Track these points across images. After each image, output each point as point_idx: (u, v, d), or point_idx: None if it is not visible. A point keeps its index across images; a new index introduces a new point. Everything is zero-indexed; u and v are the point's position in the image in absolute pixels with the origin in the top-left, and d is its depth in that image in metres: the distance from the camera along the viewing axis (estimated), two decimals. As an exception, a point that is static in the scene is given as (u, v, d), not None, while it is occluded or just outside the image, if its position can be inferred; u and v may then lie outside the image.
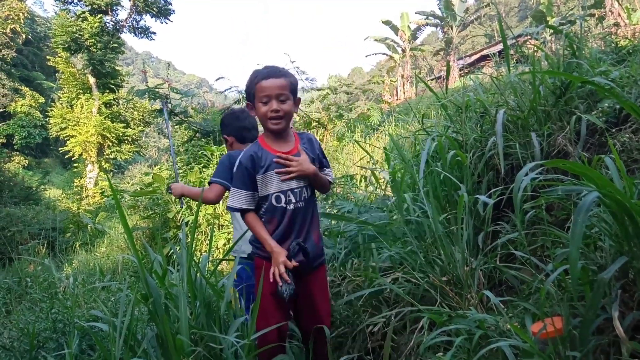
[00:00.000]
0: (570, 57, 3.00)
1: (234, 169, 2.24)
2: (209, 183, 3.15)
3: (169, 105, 10.50)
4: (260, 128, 2.44)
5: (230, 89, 11.07)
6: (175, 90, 11.11)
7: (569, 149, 2.45)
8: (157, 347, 2.03)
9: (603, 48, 4.26)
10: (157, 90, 10.58)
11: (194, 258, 2.28)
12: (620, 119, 2.46)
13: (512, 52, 4.04)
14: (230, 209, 2.22)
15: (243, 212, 2.20)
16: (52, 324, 2.71)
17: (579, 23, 3.49)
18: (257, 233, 2.17)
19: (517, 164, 2.65)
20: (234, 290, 2.32)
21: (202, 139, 10.21)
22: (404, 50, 33.63)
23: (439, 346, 2.05)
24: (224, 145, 3.52)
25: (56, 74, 29.49)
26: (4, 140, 32.61)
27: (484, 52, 27.38)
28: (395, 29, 33.04)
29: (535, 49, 3.81)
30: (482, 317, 1.75)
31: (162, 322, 1.83)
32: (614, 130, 2.41)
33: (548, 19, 21.10)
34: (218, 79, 18.64)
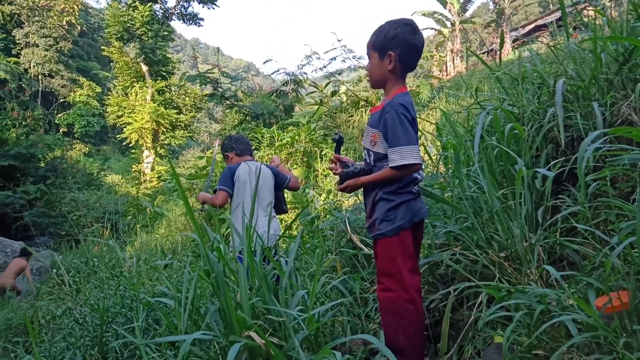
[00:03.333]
0: (635, 21, 2.83)
1: None
2: (214, 191, 3.74)
3: (220, 90, 10.67)
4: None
5: (277, 71, 11.12)
6: (225, 75, 11.28)
7: (634, 118, 2.34)
8: (219, 321, 2.12)
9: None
10: (207, 75, 10.79)
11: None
12: (692, 84, 2.31)
13: (570, 19, 3.85)
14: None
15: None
16: (120, 300, 2.87)
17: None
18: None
19: (578, 135, 2.56)
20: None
21: (252, 122, 10.36)
22: (453, 24, 32.63)
23: (498, 322, 2.04)
24: (226, 161, 4.16)
25: (111, 64, 30.57)
26: (65, 130, 34.29)
27: (539, 22, 26.19)
28: (443, 2, 32.04)
29: (595, 14, 3.62)
30: (542, 291, 1.72)
31: (224, 296, 1.90)
32: (684, 96, 2.27)
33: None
34: (266, 61, 18.68)
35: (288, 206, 6.89)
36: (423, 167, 2.64)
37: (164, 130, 23.48)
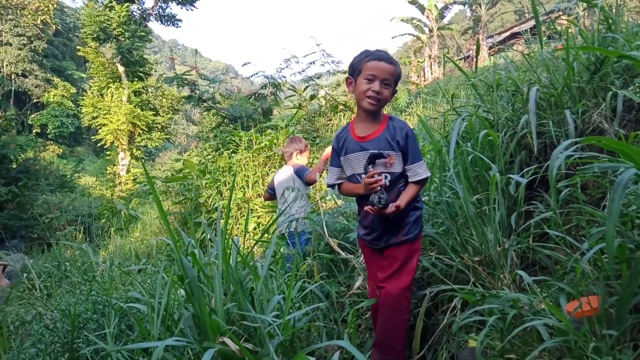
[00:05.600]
0: (605, 31, 2.90)
1: None
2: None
3: (197, 92, 10.60)
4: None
5: (256, 74, 11.09)
6: (202, 77, 11.18)
7: (605, 126, 2.39)
8: (193, 327, 2.09)
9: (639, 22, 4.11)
10: (185, 77, 10.68)
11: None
12: (659, 94, 2.38)
13: (543, 28, 3.93)
14: (329, 186, 2.46)
15: (334, 187, 2.41)
16: (91, 306, 2.81)
17: (614, -4, 3.37)
18: (350, 192, 2.34)
19: (551, 142, 2.60)
20: None
21: (230, 125, 10.29)
22: (431, 30, 33.00)
23: (471, 326, 2.06)
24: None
25: (86, 64, 30.05)
26: (39, 130, 33.56)
27: (514, 30, 26.66)
28: (421, 8, 32.39)
29: (568, 24, 3.70)
30: (515, 296, 1.74)
31: (198, 301, 1.87)
32: (652, 105, 2.33)
33: (581, -7, 20.33)
34: (245, 64, 18.73)
35: (265, 210, 6.87)
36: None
37: (140, 132, 23.16)
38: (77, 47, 25.69)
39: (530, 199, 2.53)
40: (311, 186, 5.07)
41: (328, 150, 4.96)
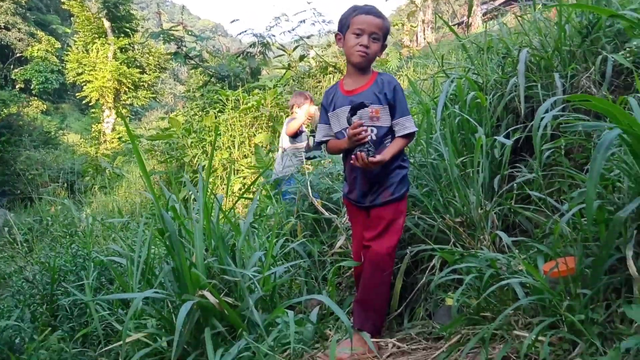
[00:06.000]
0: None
1: None
2: None
3: (184, 49, 10.36)
4: None
5: (245, 32, 10.83)
6: (190, 33, 10.91)
7: (593, 91, 2.37)
8: (173, 281, 2.09)
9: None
10: (171, 32, 10.41)
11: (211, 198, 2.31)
12: (649, 59, 2.36)
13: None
14: (317, 144, 2.46)
15: (322, 144, 2.38)
16: (71, 259, 2.80)
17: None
18: (336, 148, 2.33)
19: (539, 106, 2.58)
20: None
21: (218, 84, 10.10)
22: (425, -6, 32.39)
23: (449, 285, 2.08)
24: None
25: (71, 18, 29.14)
26: (22, 86, 32.76)
27: (509, -4, 26.28)
28: (416, -28, 31.72)
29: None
30: (493, 256, 1.76)
31: (177, 255, 1.87)
32: (641, 71, 2.31)
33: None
34: (233, 21, 18.28)
35: (251, 170, 6.84)
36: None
37: (126, 90, 22.72)
38: (62, 0, 24.86)
39: (515, 163, 2.53)
40: (302, 143, 5.02)
41: (312, 108, 4.95)
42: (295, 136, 4.84)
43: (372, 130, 2.16)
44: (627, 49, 2.41)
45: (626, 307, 1.36)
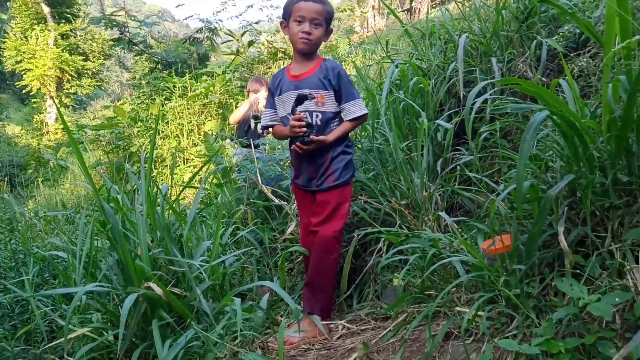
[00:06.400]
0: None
1: None
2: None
3: (128, 35, 10.02)
4: None
5: (191, 16, 10.58)
6: (133, 18, 10.54)
7: (529, 75, 2.47)
8: (119, 274, 2.04)
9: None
10: (113, 17, 10.02)
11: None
12: (580, 43, 2.47)
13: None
14: (263, 129, 2.51)
15: (268, 128, 2.43)
16: (11, 254, 2.68)
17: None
18: (280, 134, 2.37)
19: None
20: None
21: (164, 71, 9.84)
22: (374, -20, 32.52)
23: (396, 266, 2.13)
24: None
25: (7, 3, 27.55)
26: (-46, 74, 30.82)
27: (455, -18, 26.72)
28: (365, -44, 31.77)
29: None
30: (435, 236, 1.81)
31: (120, 247, 1.82)
32: (572, 55, 2.42)
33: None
34: (178, 6, 17.63)
35: (201, 158, 6.73)
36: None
37: (69, 78, 21.77)
38: (-6, -17, 23.44)
39: (457, 146, 2.61)
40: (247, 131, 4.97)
41: (254, 96, 4.93)
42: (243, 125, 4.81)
43: (316, 116, 2.21)
44: (560, 33, 2.51)
45: (558, 280, 1.43)
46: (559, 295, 1.50)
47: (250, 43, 9.75)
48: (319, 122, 2.21)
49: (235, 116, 4.87)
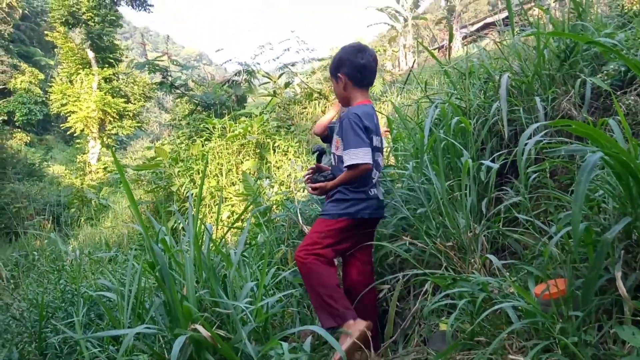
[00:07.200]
0: (576, 19, 2.94)
1: None
2: None
3: (169, 79, 10.41)
4: None
5: (230, 60, 10.93)
6: (175, 63, 10.97)
7: (573, 113, 2.43)
8: (164, 315, 2.07)
9: (609, 13, 4.18)
10: (156, 63, 10.47)
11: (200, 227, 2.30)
12: (626, 81, 2.43)
13: (516, 18, 3.97)
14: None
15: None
16: (60, 294, 2.75)
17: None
18: None
19: (521, 129, 2.63)
20: None
21: (204, 112, 10.13)
22: (405, 20, 33.09)
23: (442, 310, 2.08)
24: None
25: (55, 50, 29.16)
26: (6, 118, 32.49)
27: (488, 20, 26.89)
28: (396, -2, 32.44)
29: (540, 13, 3.74)
30: (485, 280, 1.77)
31: (168, 288, 1.85)
32: (618, 93, 2.38)
33: (553, -16, 20.58)
34: (218, 50, 18.40)
35: (239, 198, 6.82)
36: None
37: (111, 119, 22.66)
38: (45, 32, 24.90)
39: (501, 185, 2.57)
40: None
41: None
42: None
43: (333, 156, 2.54)
44: (604, 72, 2.48)
45: (617, 328, 1.37)
46: (618, 343, 1.43)
47: (287, 84, 9.98)
48: (333, 163, 2.47)
49: (321, 123, 4.74)
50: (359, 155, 2.27)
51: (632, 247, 1.56)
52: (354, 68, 2.47)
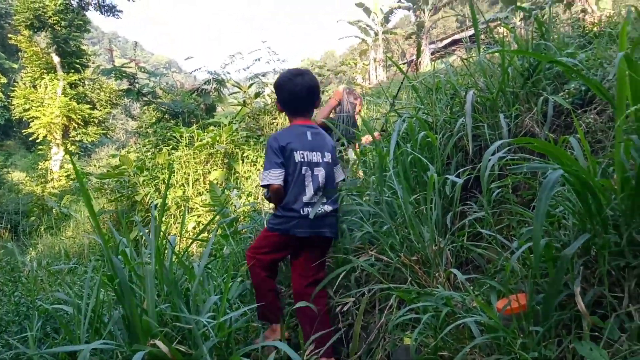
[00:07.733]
0: (539, 39, 3.03)
1: None
2: None
3: (137, 86, 10.23)
4: None
5: (199, 69, 10.83)
6: (142, 70, 10.79)
7: (536, 130, 2.49)
8: (123, 329, 2.00)
9: (571, 33, 4.32)
10: (124, 69, 10.28)
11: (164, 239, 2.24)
12: (586, 100, 2.50)
13: (482, 36, 4.06)
14: None
15: None
16: (14, 307, 2.64)
17: (547, 8, 3.53)
18: None
19: (486, 145, 2.68)
20: None
21: (172, 120, 9.98)
22: (376, 34, 33.58)
23: (407, 324, 2.08)
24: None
25: (19, 53, 28.37)
26: (-36, 122, 31.35)
27: (456, 37, 27.54)
28: (368, 12, 32.93)
29: (505, 32, 3.84)
30: (448, 294, 1.78)
31: (128, 302, 1.79)
32: (579, 111, 2.45)
33: (518, 3, 21.26)
34: (187, 58, 18.27)
35: (206, 208, 6.72)
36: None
37: (76, 126, 22.12)
38: (9, 34, 24.21)
39: (466, 200, 2.60)
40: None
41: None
42: None
43: None
44: (566, 90, 2.56)
45: (576, 343, 1.39)
46: (577, 358, 1.45)
47: (257, 94, 9.92)
48: None
49: (323, 113, 4.70)
50: (267, 177, 2.50)
51: (591, 263, 1.59)
52: (288, 93, 2.67)
